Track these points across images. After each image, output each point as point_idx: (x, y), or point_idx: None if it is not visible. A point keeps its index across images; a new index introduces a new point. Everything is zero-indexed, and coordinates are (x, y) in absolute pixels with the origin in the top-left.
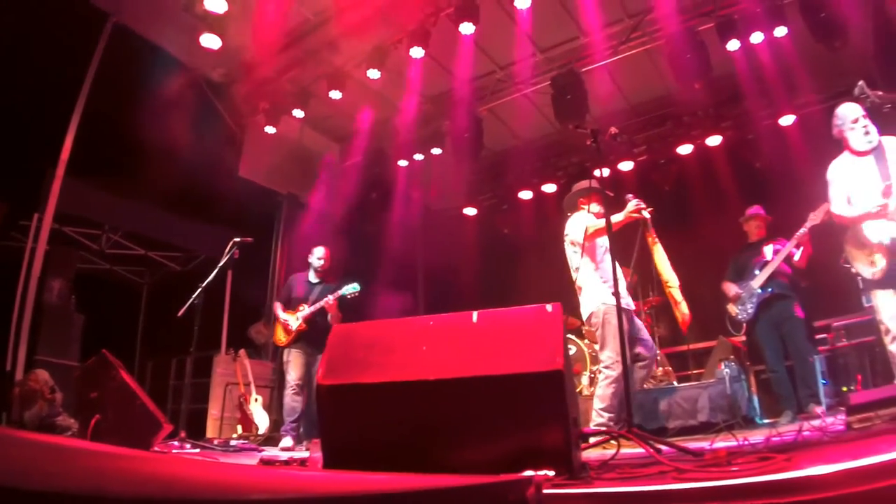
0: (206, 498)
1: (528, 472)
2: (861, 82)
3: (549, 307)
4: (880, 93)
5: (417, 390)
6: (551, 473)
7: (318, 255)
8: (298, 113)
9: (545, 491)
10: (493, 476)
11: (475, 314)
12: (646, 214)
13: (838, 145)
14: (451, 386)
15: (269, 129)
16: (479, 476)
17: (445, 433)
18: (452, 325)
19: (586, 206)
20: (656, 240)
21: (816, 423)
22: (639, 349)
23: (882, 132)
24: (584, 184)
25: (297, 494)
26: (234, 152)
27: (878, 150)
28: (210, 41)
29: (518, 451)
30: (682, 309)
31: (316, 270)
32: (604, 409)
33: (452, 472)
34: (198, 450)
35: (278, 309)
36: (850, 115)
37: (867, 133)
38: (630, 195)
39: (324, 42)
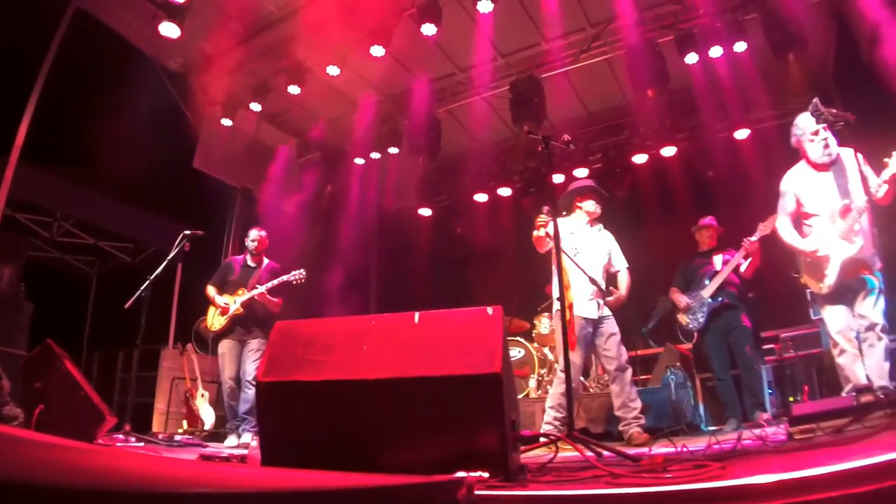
0: (140, 490)
1: (461, 474)
2: (816, 99)
3: (489, 310)
4: (834, 110)
5: (356, 389)
6: (485, 475)
7: (252, 238)
8: (256, 106)
9: (477, 492)
10: (425, 476)
11: (417, 315)
12: (548, 230)
13: (794, 156)
14: (389, 386)
15: (226, 122)
16: (412, 476)
17: (384, 433)
18: (394, 326)
19: (581, 206)
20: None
21: (757, 432)
22: (603, 364)
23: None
24: (579, 183)
25: (228, 490)
26: (188, 144)
27: (837, 165)
28: (169, 30)
29: (455, 452)
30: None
31: (252, 254)
32: (551, 408)
33: (390, 471)
34: (142, 443)
35: (213, 292)
36: (810, 127)
37: (826, 146)
38: (545, 207)
39: (285, 36)
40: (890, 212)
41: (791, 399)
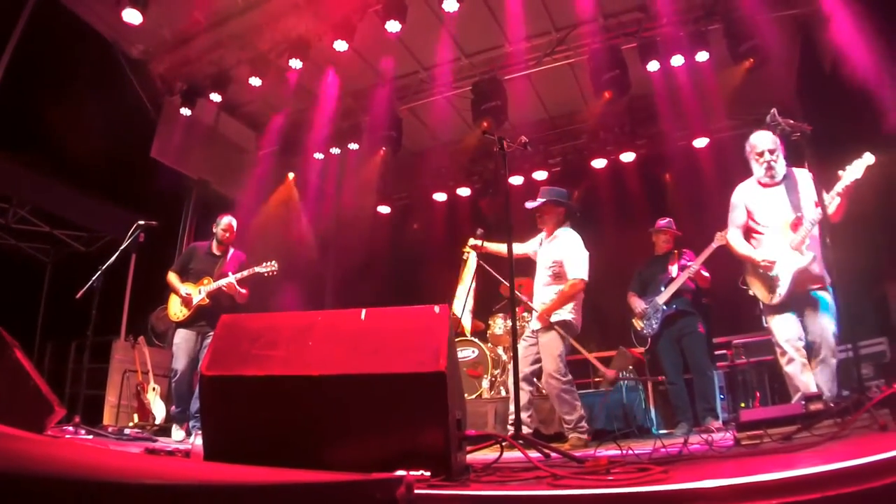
0: (82, 480)
1: (401, 472)
2: (773, 110)
3: (436, 308)
4: (791, 121)
5: (300, 385)
6: (427, 474)
7: (222, 226)
8: (216, 97)
9: (418, 491)
10: (364, 474)
11: (363, 311)
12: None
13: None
14: (333, 382)
15: (185, 111)
16: (351, 474)
17: (327, 430)
18: (340, 322)
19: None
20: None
21: (704, 436)
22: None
23: (790, 159)
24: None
25: (168, 483)
26: (147, 133)
27: (789, 180)
28: (132, 16)
29: (399, 450)
30: None
31: (219, 242)
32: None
33: (333, 469)
34: (91, 436)
35: (175, 279)
36: (758, 147)
37: (770, 168)
38: (480, 230)
39: (249, 27)
40: (840, 227)
41: (742, 405)
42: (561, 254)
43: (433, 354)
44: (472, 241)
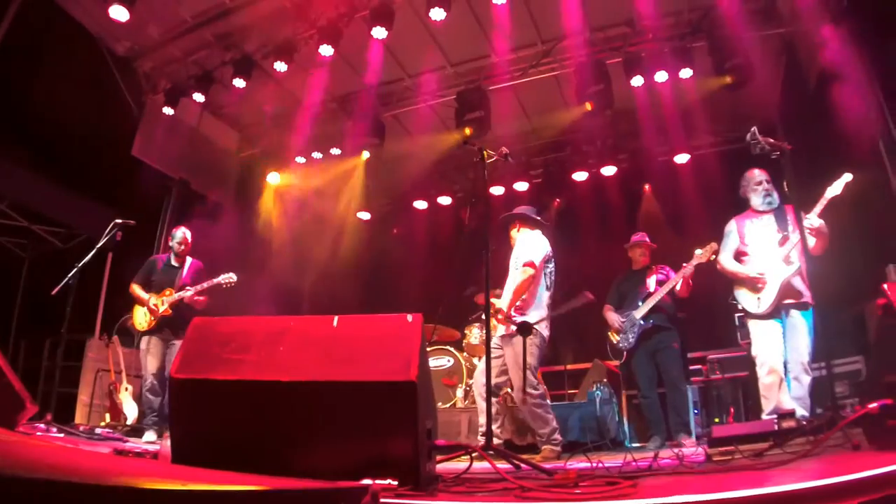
0: (48, 478)
1: (367, 481)
2: (754, 128)
3: (409, 317)
4: (771, 140)
5: (270, 391)
6: (394, 483)
7: (177, 239)
8: (199, 97)
9: (384, 500)
10: (330, 482)
11: (336, 318)
12: None
13: (730, 183)
14: (303, 389)
15: (167, 111)
16: (316, 481)
17: (297, 436)
18: (313, 328)
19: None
20: None
21: (676, 451)
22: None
23: (771, 177)
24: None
25: (133, 485)
26: (129, 130)
27: (779, 211)
28: (118, 13)
29: (368, 458)
30: None
31: (176, 254)
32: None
33: (300, 475)
34: (62, 434)
35: (138, 290)
36: (754, 178)
37: (767, 194)
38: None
39: (235, 28)
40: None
41: (717, 420)
42: (517, 251)
43: (404, 363)
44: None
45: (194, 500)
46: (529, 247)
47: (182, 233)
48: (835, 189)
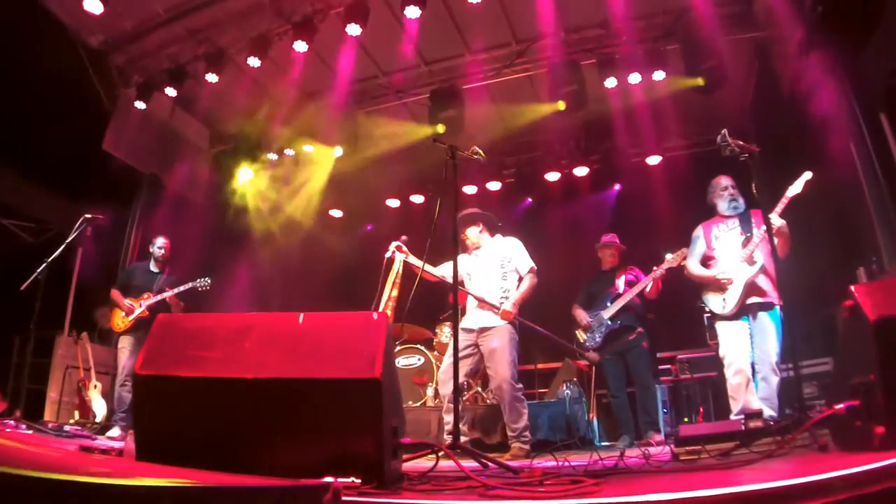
0: (11, 472)
1: (329, 479)
2: (724, 131)
3: (375, 315)
4: (740, 143)
5: (234, 388)
6: (357, 481)
7: (158, 245)
8: (171, 91)
9: (346, 498)
10: (292, 480)
11: (301, 315)
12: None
13: (701, 185)
14: (268, 386)
15: (140, 105)
16: (278, 479)
17: (260, 433)
18: (278, 325)
19: (465, 235)
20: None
21: (642, 450)
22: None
23: (737, 180)
24: (466, 212)
25: (95, 480)
26: (100, 124)
27: (744, 215)
28: (93, 5)
29: (332, 456)
30: None
31: (156, 260)
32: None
33: (263, 473)
34: (31, 431)
35: (118, 295)
36: (720, 185)
37: (733, 199)
38: (404, 236)
39: (209, 22)
40: (790, 248)
41: (686, 420)
42: (507, 251)
43: (369, 361)
44: (396, 244)
45: (154, 497)
46: (526, 253)
47: (163, 240)
48: (795, 188)
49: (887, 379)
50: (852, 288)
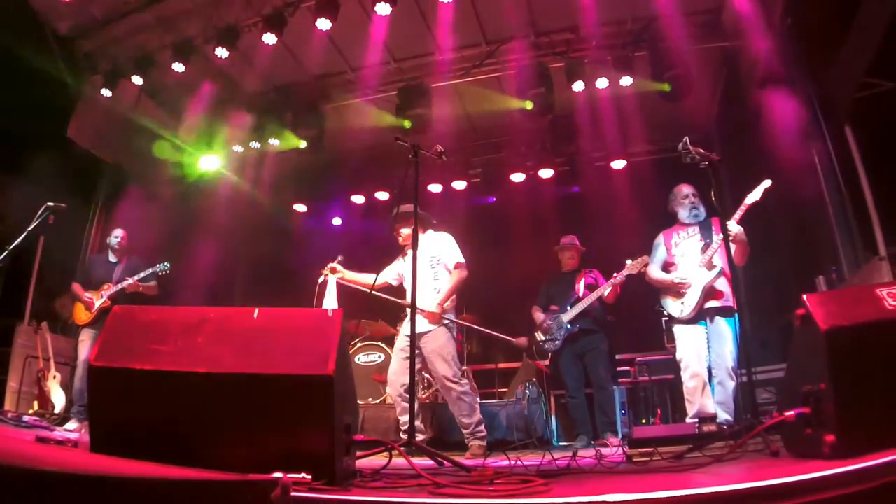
0: None
1: (278, 474)
2: (686, 138)
3: (329, 311)
4: (701, 150)
5: (186, 382)
6: (308, 477)
7: (115, 235)
8: (137, 80)
9: (296, 494)
10: (239, 475)
11: (256, 311)
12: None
13: (664, 189)
14: (220, 381)
15: (105, 92)
16: (226, 473)
17: (212, 428)
18: (232, 320)
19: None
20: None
21: (596, 451)
22: None
23: (698, 188)
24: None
25: (49, 469)
26: (65, 111)
27: (705, 223)
28: None
29: (284, 452)
30: None
31: (114, 250)
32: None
33: (214, 468)
34: None
35: (78, 289)
36: (681, 193)
37: (694, 207)
38: (340, 257)
39: (178, 11)
40: (750, 255)
41: (643, 421)
42: (436, 248)
43: (322, 357)
44: (330, 266)
45: (105, 487)
46: (454, 247)
47: (120, 231)
48: (754, 195)
49: (838, 388)
50: (805, 297)
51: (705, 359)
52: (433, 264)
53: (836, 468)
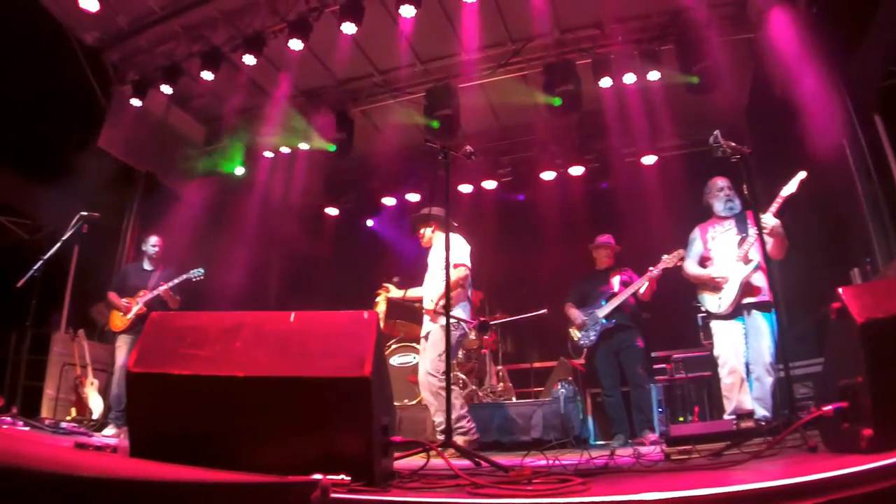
0: (9, 467)
1: (317, 476)
2: (717, 132)
3: (365, 314)
4: (732, 144)
5: (224, 386)
6: (347, 478)
7: (151, 243)
8: (166, 89)
9: (335, 495)
10: (278, 477)
11: (293, 314)
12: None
13: (695, 185)
14: (258, 384)
15: (135, 102)
16: (267, 476)
17: (251, 431)
18: (269, 324)
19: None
20: None
21: (634, 450)
22: None
23: (732, 181)
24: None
25: (90, 475)
26: (96, 122)
27: (740, 215)
28: (89, 3)
29: (322, 454)
30: None
31: (150, 258)
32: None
33: (253, 471)
34: (28, 428)
35: (114, 297)
36: (716, 186)
37: (729, 200)
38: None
39: (204, 19)
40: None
41: (681, 419)
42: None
43: (359, 360)
44: (387, 287)
45: (145, 492)
46: (459, 249)
47: (155, 238)
48: (790, 187)
49: (874, 381)
50: (840, 290)
51: (743, 354)
52: (440, 265)
53: (874, 462)
